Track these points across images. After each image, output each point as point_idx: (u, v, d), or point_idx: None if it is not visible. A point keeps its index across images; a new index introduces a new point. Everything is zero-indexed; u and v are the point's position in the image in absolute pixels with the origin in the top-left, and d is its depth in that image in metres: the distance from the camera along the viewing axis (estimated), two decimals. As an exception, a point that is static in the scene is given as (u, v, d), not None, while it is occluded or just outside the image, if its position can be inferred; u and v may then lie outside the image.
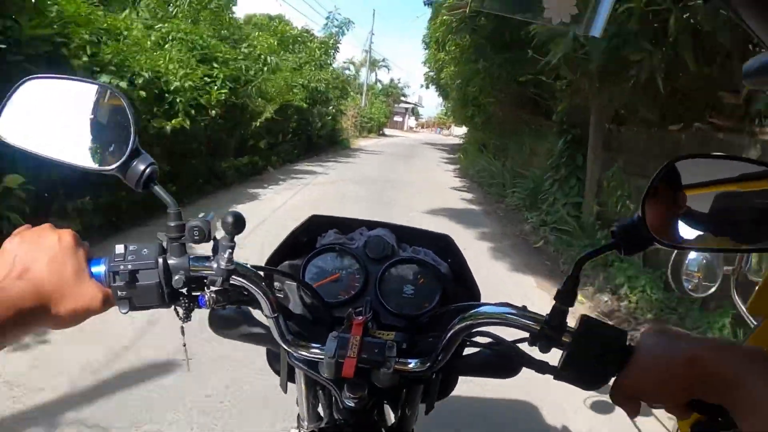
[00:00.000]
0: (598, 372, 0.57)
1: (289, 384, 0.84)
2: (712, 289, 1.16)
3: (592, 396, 2.42)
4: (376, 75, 43.31)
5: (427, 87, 22.46)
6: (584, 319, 0.59)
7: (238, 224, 0.61)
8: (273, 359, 0.86)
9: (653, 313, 3.95)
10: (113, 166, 0.62)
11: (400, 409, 0.79)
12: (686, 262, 1.20)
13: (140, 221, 5.05)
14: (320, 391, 0.78)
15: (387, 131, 39.51)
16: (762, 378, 0.46)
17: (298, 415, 0.86)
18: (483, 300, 0.77)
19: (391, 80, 49.16)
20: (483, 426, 2.45)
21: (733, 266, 1.12)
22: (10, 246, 0.58)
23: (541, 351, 0.61)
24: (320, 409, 0.83)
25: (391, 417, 0.81)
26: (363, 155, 17.44)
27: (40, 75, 0.67)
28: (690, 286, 1.20)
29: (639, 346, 0.56)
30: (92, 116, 0.66)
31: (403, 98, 49.73)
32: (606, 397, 0.58)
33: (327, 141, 17.36)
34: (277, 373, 0.84)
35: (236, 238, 0.62)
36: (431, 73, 19.91)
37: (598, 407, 2.44)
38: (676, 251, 1.21)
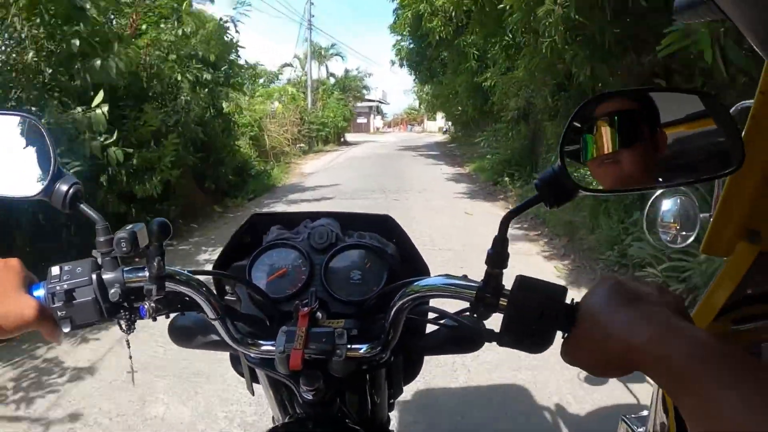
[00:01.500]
0: (540, 334, 0.55)
1: (256, 385, 0.85)
2: (691, 239, 1.15)
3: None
4: (327, 68, 32.92)
5: (401, 64, 17.38)
6: (519, 279, 0.57)
7: (164, 230, 0.62)
8: (236, 363, 0.87)
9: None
10: (39, 191, 0.64)
11: (368, 396, 0.79)
12: (660, 212, 1.19)
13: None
14: (284, 389, 0.78)
15: (350, 137, 31.50)
16: (711, 373, 0.40)
17: (273, 415, 0.86)
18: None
19: (347, 71, 34.91)
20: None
21: (709, 213, 1.10)
22: None
23: (480, 318, 0.60)
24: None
25: (362, 406, 0.80)
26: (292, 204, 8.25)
27: None
28: (668, 238, 1.18)
29: (582, 313, 0.52)
30: (14, 146, 0.68)
31: (365, 93, 38.65)
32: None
33: (226, 186, 8.72)
34: (242, 376, 0.85)
35: None
36: (405, 43, 15.43)
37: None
38: (650, 201, 1.21)
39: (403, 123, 61.05)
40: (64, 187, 0.64)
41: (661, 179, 0.64)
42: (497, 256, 0.58)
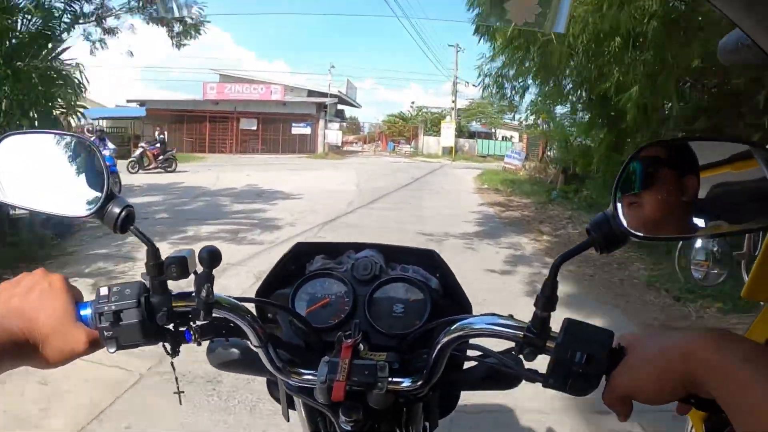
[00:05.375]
0: (586, 377, 0.56)
1: (292, 412, 0.85)
2: (723, 277, 1.16)
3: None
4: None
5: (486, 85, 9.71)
6: (567, 322, 0.58)
7: (215, 258, 0.63)
8: (273, 388, 0.88)
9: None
10: (90, 212, 0.66)
11: (403, 429, 0.80)
12: (693, 251, 1.19)
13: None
14: (320, 418, 0.79)
15: (256, 173, 15.38)
16: (746, 368, 0.45)
17: None
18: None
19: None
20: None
21: (741, 251, 1.11)
22: (6, 288, 0.63)
23: (526, 360, 0.61)
24: None
25: None
26: None
27: (18, 131, 0.74)
28: (699, 276, 1.19)
29: (631, 346, 0.55)
30: (68, 166, 0.71)
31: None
32: None
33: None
34: (278, 401, 0.86)
35: None
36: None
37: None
38: (681, 242, 1.20)
39: (383, 138, 38.93)
40: (117, 210, 0.65)
41: (700, 226, 0.63)
42: (546, 300, 0.59)
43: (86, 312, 0.64)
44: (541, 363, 0.61)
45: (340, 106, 34.21)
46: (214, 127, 28.13)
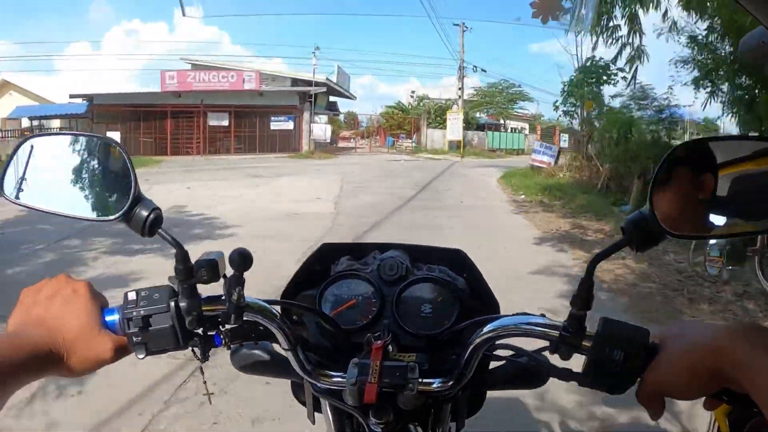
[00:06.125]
0: (623, 374, 0.60)
1: (317, 414, 0.89)
2: (737, 273, 1.28)
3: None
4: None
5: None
6: (603, 321, 0.62)
7: (245, 260, 0.66)
8: (297, 390, 0.92)
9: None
10: (117, 215, 0.68)
11: (430, 430, 0.82)
12: (707, 248, 1.41)
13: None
14: (347, 420, 0.82)
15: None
16: None
17: None
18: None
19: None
20: None
21: (755, 246, 1.27)
22: (28, 296, 0.66)
23: (562, 359, 0.66)
24: None
25: None
26: None
27: (41, 133, 0.90)
28: (714, 272, 1.41)
29: (663, 342, 0.60)
30: (93, 168, 0.74)
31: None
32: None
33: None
34: (303, 404, 0.90)
35: None
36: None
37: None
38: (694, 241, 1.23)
39: (381, 133, 36.16)
40: (144, 213, 0.67)
41: (717, 224, 0.64)
42: (583, 299, 0.63)
43: (113, 318, 0.67)
44: (571, 362, 0.65)
45: (332, 98, 30.86)
46: (177, 124, 24.64)
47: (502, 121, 39.39)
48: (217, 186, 12.05)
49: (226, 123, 24.31)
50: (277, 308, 0.74)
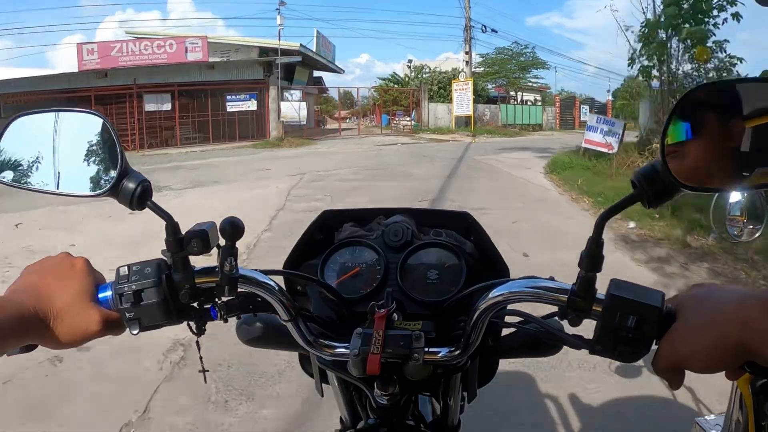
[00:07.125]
0: (636, 342, 0.59)
1: (326, 386, 0.94)
2: (759, 232, 1.21)
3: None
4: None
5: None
6: (613, 283, 0.62)
7: (237, 229, 0.68)
8: (305, 363, 0.97)
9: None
10: (104, 189, 0.72)
11: (441, 400, 0.87)
12: (727, 206, 1.28)
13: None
14: (354, 391, 0.86)
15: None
16: None
17: (341, 417, 0.93)
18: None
19: None
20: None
21: None
22: (28, 270, 0.71)
23: (571, 325, 0.66)
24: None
25: (433, 409, 0.90)
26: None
27: (26, 112, 0.78)
28: (735, 231, 1.27)
29: (682, 309, 0.58)
30: (78, 144, 0.76)
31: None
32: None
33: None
34: (311, 376, 0.94)
35: None
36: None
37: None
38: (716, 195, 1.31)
39: (377, 110, 33.42)
40: (132, 185, 0.69)
41: (746, 175, 0.58)
42: (591, 259, 0.61)
43: (107, 294, 0.70)
44: (583, 328, 0.66)
45: (318, 74, 26.56)
46: (104, 111, 18.39)
47: (513, 93, 36.14)
48: (66, 220, 6.46)
49: (168, 107, 20.06)
50: (274, 279, 0.76)
